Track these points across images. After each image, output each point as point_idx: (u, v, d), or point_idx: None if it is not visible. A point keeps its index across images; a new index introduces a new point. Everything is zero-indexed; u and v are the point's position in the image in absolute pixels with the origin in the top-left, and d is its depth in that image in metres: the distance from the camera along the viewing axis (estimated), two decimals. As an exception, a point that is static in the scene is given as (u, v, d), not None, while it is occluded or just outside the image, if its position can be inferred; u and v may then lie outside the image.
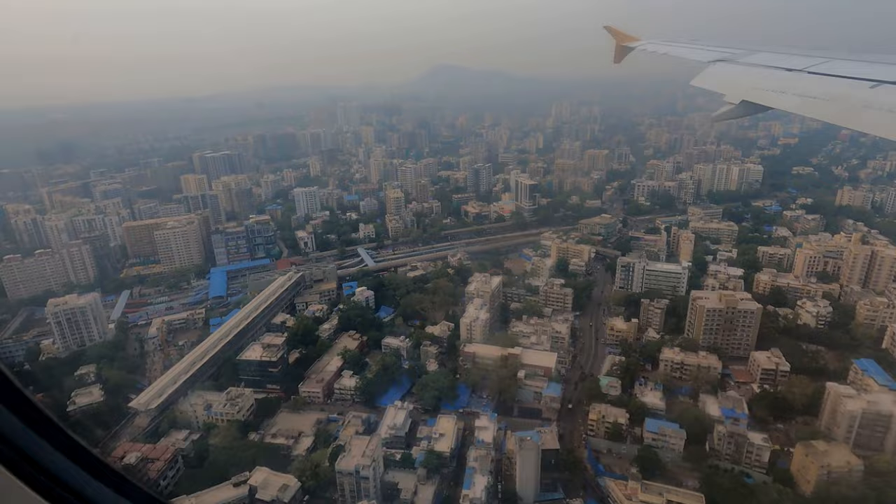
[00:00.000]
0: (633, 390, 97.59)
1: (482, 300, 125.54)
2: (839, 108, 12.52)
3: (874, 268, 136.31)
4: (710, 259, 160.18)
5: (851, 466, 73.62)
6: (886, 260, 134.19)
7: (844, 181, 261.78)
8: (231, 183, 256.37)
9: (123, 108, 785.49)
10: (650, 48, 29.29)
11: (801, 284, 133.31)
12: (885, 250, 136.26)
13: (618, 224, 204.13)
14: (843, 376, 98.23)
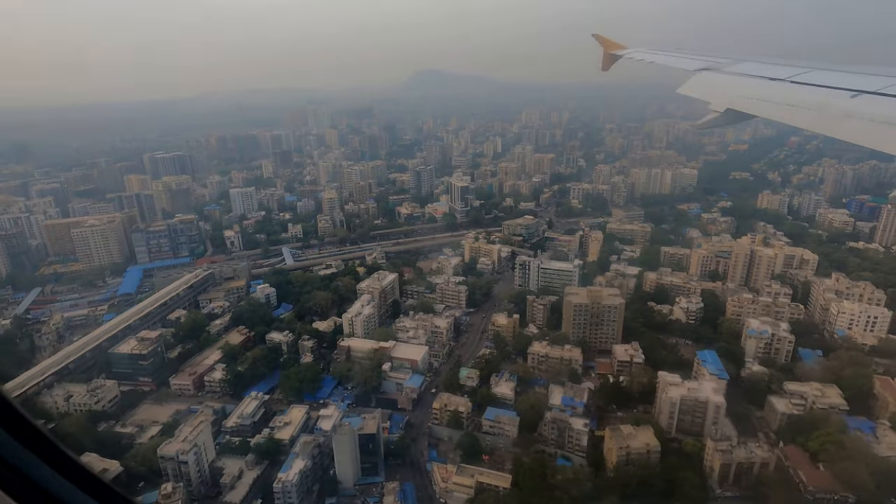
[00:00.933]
0: (490, 381, 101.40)
1: (370, 296, 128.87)
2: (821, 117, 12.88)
3: (754, 266, 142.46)
4: (615, 258, 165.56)
5: (650, 448, 78.06)
6: (763, 259, 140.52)
7: (777, 186, 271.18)
8: (172, 183, 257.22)
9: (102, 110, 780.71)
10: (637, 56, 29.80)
11: (683, 282, 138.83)
12: (763, 250, 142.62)
13: (542, 225, 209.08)
14: (690, 367, 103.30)
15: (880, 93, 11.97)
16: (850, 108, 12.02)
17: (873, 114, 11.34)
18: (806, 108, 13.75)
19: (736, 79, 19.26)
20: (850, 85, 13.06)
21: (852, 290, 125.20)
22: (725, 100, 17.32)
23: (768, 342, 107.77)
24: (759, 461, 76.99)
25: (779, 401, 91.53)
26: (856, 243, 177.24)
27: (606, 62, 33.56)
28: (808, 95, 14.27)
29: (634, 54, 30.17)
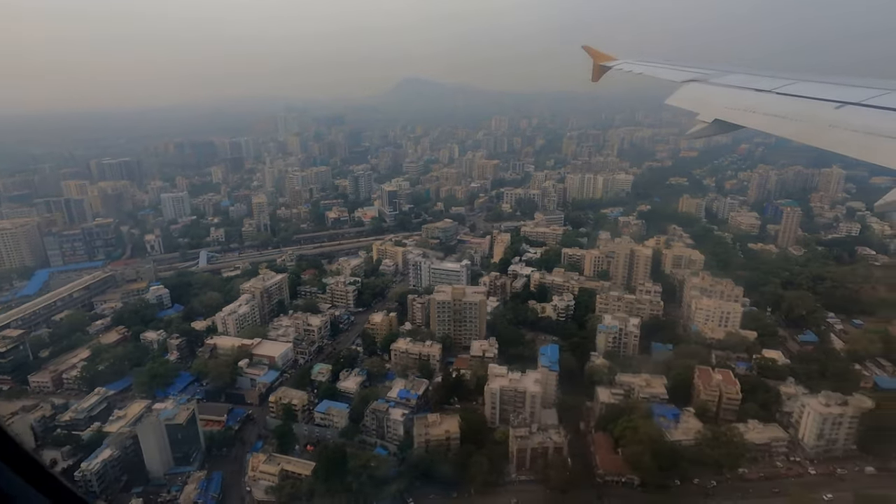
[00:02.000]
0: (339, 376, 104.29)
1: (250, 296, 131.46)
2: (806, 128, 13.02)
3: (635, 266, 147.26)
4: (517, 259, 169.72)
5: (449, 435, 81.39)
6: (641, 259, 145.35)
7: (710, 190, 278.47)
8: (108, 188, 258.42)
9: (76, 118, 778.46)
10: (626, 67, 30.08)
11: (564, 281, 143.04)
12: (642, 250, 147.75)
13: (463, 229, 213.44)
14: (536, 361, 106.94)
15: (864, 104, 12.19)
16: (835, 119, 12.22)
17: (857, 124, 11.56)
18: (791, 119, 13.97)
19: (723, 90, 19.56)
20: (835, 96, 13.31)
21: (715, 287, 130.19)
22: (713, 111, 17.54)
23: (616, 336, 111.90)
24: (552, 446, 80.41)
25: (603, 391, 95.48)
26: (755, 245, 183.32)
27: (596, 73, 34.00)
28: (794, 106, 14.51)
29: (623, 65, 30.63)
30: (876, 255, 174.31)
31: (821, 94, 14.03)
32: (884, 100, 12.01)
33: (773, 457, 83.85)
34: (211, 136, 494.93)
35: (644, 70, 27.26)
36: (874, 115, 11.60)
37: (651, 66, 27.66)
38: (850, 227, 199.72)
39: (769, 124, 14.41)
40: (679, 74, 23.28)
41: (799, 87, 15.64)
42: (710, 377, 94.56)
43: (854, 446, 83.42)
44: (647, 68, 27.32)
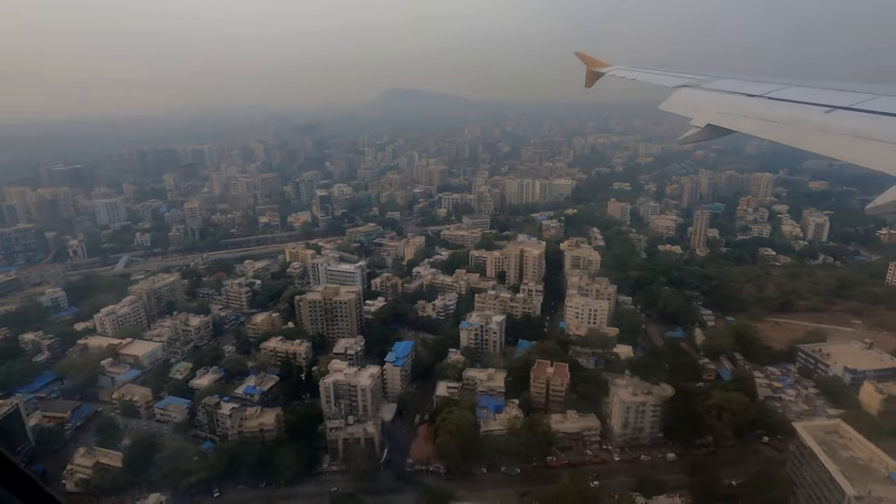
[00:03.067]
0: (196, 374, 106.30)
1: (135, 297, 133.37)
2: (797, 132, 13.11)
3: (525, 266, 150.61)
4: (426, 261, 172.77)
5: (263, 427, 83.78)
6: (530, 260, 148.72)
7: (648, 194, 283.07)
8: (47, 194, 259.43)
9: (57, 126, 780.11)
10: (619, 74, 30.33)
11: (453, 281, 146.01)
12: (530, 251, 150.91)
13: (390, 233, 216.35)
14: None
15: (853, 108, 12.37)
16: (825, 123, 12.36)
17: (847, 128, 11.71)
18: (782, 124, 14.10)
19: (715, 95, 19.71)
20: (825, 101, 13.49)
21: (591, 286, 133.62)
22: (705, 116, 17.63)
23: (477, 333, 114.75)
24: (364, 437, 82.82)
25: (442, 385, 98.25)
26: (664, 246, 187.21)
27: (590, 79, 34.30)
28: (785, 111, 14.62)
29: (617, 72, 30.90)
30: (777, 256, 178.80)
31: (811, 98, 14.23)
32: (872, 104, 12.17)
33: (585, 445, 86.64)
34: (188, 144, 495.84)
35: (637, 76, 27.69)
36: (863, 119, 11.74)
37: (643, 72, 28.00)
38: (762, 229, 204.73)
39: (760, 129, 14.59)
40: (671, 80, 23.52)
41: (789, 91, 15.77)
42: (543, 371, 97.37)
43: (661, 434, 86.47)
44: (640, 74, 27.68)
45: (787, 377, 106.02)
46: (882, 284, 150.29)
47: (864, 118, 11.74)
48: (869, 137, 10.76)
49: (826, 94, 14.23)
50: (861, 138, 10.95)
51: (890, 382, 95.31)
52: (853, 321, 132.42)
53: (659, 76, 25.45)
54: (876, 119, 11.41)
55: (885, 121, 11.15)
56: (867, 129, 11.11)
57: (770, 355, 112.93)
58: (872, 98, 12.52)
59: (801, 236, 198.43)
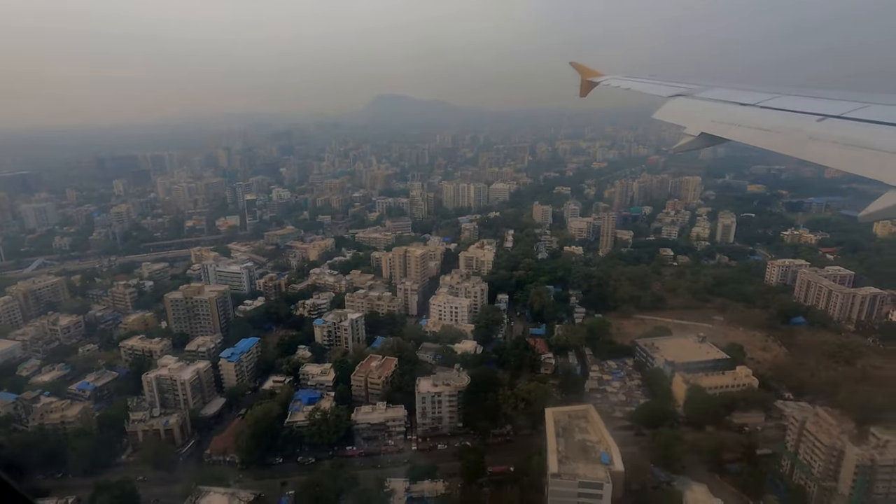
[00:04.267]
0: (42, 371, 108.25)
1: (10, 297, 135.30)
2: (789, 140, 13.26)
3: (409, 266, 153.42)
4: (329, 261, 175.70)
5: (65, 419, 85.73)
6: (412, 260, 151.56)
7: (586, 198, 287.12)
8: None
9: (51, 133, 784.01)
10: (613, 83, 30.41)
11: (334, 281, 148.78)
12: (413, 251, 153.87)
13: (311, 236, 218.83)
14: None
15: (844, 117, 12.55)
16: (817, 132, 12.50)
17: (838, 137, 11.82)
18: (775, 132, 14.20)
19: (708, 104, 19.90)
20: (817, 109, 13.65)
21: (461, 284, 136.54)
22: (699, 124, 17.76)
23: (331, 330, 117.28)
24: (163, 429, 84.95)
25: (270, 379, 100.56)
26: (570, 247, 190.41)
27: (584, 89, 34.32)
28: (777, 120, 14.81)
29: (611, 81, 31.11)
30: (675, 257, 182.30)
31: (803, 107, 14.39)
32: (863, 113, 12.37)
33: (390, 435, 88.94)
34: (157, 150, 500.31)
35: (631, 85, 27.87)
36: (854, 127, 11.91)
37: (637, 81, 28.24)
38: (671, 231, 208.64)
39: (753, 137, 14.71)
40: (665, 89, 23.76)
41: (782, 100, 16.00)
42: (369, 365, 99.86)
43: (461, 423, 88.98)
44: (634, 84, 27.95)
45: (622, 370, 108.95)
46: (758, 283, 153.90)
47: (855, 126, 11.95)
48: (860, 145, 10.96)
49: (818, 102, 14.48)
50: (852, 146, 11.14)
51: (700, 374, 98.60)
52: (715, 317, 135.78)
53: (652, 86, 25.86)
54: (867, 127, 11.64)
55: (875, 129, 11.38)
56: (858, 138, 11.31)
57: (616, 350, 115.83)
58: (863, 107, 12.79)
59: (707, 237, 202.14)
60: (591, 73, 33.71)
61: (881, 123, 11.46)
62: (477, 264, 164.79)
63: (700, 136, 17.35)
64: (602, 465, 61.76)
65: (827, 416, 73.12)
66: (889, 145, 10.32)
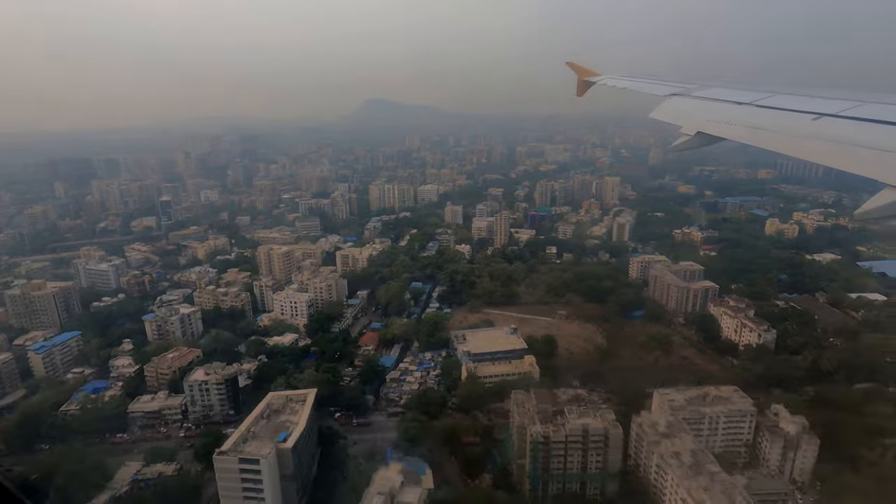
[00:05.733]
0: None
1: None
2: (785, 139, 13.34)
3: (272, 263, 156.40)
4: (217, 259, 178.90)
5: None
6: (274, 257, 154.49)
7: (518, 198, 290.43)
8: None
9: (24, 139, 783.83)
10: (610, 83, 30.55)
11: (198, 278, 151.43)
12: (276, 251, 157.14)
13: (219, 236, 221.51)
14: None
15: (839, 115, 12.61)
16: (812, 131, 12.54)
17: (833, 135, 11.87)
18: (770, 131, 14.28)
19: (704, 103, 19.89)
20: (812, 108, 13.67)
21: (312, 280, 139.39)
22: (695, 124, 17.82)
23: (160, 325, 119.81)
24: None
25: (71, 372, 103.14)
26: (461, 245, 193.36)
27: (581, 89, 34.62)
28: (773, 119, 14.85)
29: (607, 81, 31.26)
30: (559, 255, 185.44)
31: (798, 106, 14.45)
32: (857, 111, 12.43)
33: (165, 423, 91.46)
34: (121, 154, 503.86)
35: (627, 85, 27.98)
36: (848, 126, 11.97)
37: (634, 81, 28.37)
38: (567, 230, 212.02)
39: (749, 136, 14.74)
40: (661, 89, 23.78)
41: (777, 99, 16.05)
42: (167, 357, 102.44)
43: (232, 411, 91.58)
44: (630, 83, 28.00)
45: (433, 361, 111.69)
46: (622, 279, 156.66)
47: (850, 125, 11.99)
48: (855, 144, 11.03)
49: (813, 101, 14.47)
50: (847, 145, 11.19)
51: (487, 363, 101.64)
52: (560, 312, 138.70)
53: (649, 85, 25.95)
54: (861, 126, 11.70)
55: (870, 127, 11.45)
56: (853, 136, 11.36)
57: (439, 342, 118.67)
58: (858, 105, 12.83)
59: (600, 236, 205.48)
60: (588, 73, 34.33)
61: (876, 122, 11.51)
62: (352, 262, 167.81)
63: (697, 135, 17.50)
64: (276, 444, 64.44)
65: (536, 398, 75.98)
66: (883, 143, 10.41)
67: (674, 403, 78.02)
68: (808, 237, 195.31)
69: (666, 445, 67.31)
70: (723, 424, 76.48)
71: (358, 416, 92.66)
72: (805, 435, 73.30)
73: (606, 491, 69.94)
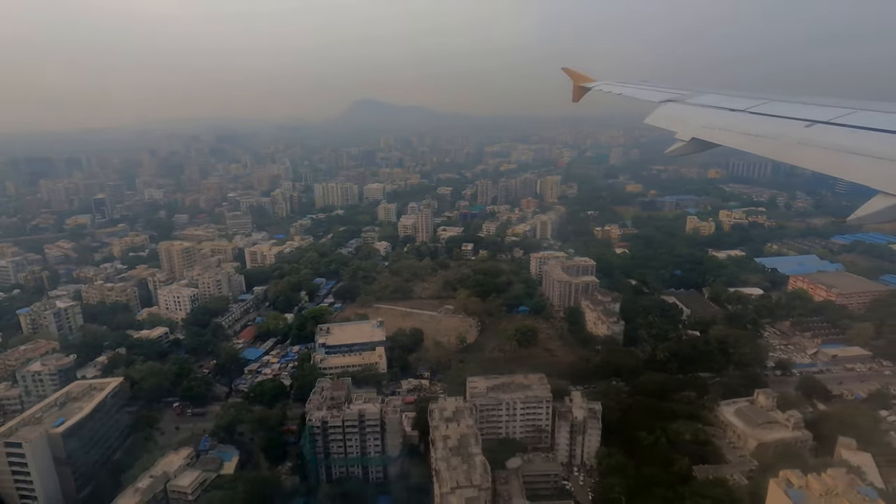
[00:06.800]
0: None
1: None
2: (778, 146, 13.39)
3: (173, 259, 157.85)
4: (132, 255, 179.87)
5: None
6: (174, 253, 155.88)
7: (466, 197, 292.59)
8: None
9: None
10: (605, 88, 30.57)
11: (94, 274, 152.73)
12: (176, 246, 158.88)
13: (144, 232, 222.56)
14: None
15: (832, 122, 12.76)
16: (805, 137, 12.64)
17: (826, 142, 11.97)
18: (764, 138, 14.38)
19: (698, 110, 20.05)
20: (805, 115, 13.77)
21: (202, 276, 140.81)
22: (690, 130, 17.99)
23: (34, 318, 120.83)
24: None
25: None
26: (379, 243, 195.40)
27: (576, 94, 34.83)
28: (767, 125, 14.91)
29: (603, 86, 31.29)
30: (476, 252, 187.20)
31: (791, 113, 14.56)
32: (850, 118, 12.58)
33: (5, 413, 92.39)
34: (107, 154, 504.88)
35: (623, 91, 28.15)
36: (841, 133, 12.09)
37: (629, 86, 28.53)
38: (490, 227, 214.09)
39: (743, 142, 14.89)
40: (656, 95, 23.96)
41: (771, 106, 16.20)
42: (18, 350, 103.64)
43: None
44: (626, 89, 28.14)
45: (298, 354, 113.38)
46: (524, 274, 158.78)
47: (842, 132, 12.07)
48: (848, 151, 11.10)
49: (806, 108, 14.59)
50: (840, 152, 11.26)
51: (338, 355, 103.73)
52: (447, 306, 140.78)
53: (644, 91, 26.18)
54: (854, 133, 11.82)
55: (862, 135, 11.60)
56: (846, 143, 11.43)
57: (311, 335, 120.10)
58: (851, 113, 12.97)
59: (522, 234, 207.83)
60: (583, 79, 34.42)
61: (868, 129, 11.69)
62: (260, 258, 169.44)
63: (691, 142, 17.57)
64: (48, 429, 65.98)
65: (333, 386, 77.99)
66: (875, 150, 10.59)
67: (475, 390, 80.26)
68: (723, 234, 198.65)
69: (442, 429, 69.46)
70: (520, 410, 78.77)
71: (196, 405, 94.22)
72: (592, 420, 75.67)
73: (389, 473, 71.93)
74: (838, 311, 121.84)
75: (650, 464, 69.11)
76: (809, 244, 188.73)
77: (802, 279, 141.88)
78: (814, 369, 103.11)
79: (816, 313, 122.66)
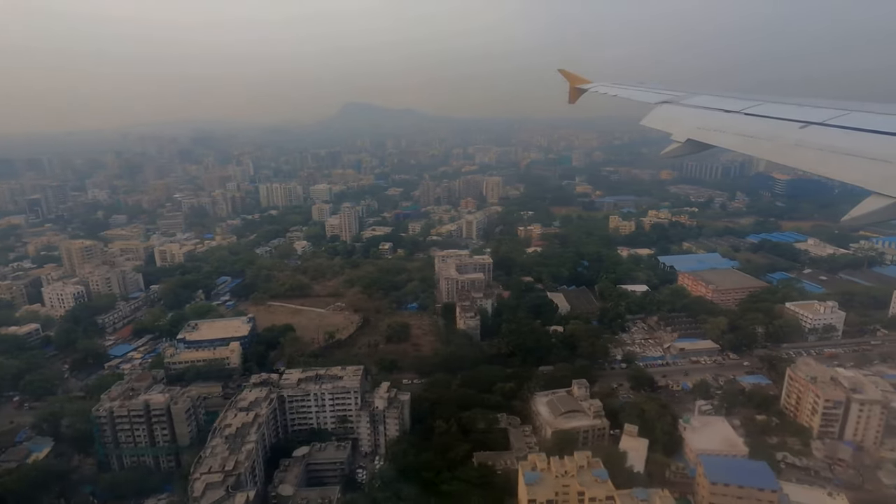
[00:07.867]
0: None
1: None
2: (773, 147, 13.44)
3: (73, 258, 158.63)
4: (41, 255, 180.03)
5: None
6: (73, 252, 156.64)
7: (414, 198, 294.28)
8: None
9: None
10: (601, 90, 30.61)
11: (12, 271, 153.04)
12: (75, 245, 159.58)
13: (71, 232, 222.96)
14: None
15: (826, 124, 12.83)
16: (800, 138, 12.72)
17: (820, 143, 12.04)
18: (758, 139, 14.41)
19: (694, 111, 20.06)
20: (799, 117, 13.84)
21: (92, 274, 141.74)
22: (685, 131, 18.01)
23: None
24: None
25: None
26: (300, 243, 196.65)
27: (573, 95, 34.86)
28: (762, 126, 14.97)
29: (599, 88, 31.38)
30: (394, 250, 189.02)
31: (786, 114, 14.60)
32: (844, 120, 12.71)
33: None
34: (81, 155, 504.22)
35: (618, 92, 28.22)
36: (835, 134, 12.21)
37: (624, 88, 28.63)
38: (415, 227, 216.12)
39: (738, 143, 14.95)
40: (651, 96, 24.06)
41: (765, 108, 16.25)
42: None
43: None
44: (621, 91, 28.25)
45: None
46: (420, 273, 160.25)
47: (836, 133, 12.19)
48: (841, 152, 11.17)
49: (800, 110, 14.65)
50: (834, 153, 11.33)
51: (192, 350, 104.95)
52: (337, 304, 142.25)
53: (639, 93, 26.27)
54: (847, 134, 11.94)
55: (856, 136, 11.72)
56: (839, 144, 11.52)
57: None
58: (844, 114, 13.10)
59: (447, 233, 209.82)
60: (579, 81, 34.63)
61: (861, 130, 11.81)
62: (170, 257, 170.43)
63: (687, 143, 17.56)
64: None
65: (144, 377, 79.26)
66: (869, 151, 10.65)
67: (286, 381, 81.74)
68: (642, 233, 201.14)
69: (228, 418, 70.90)
70: (328, 401, 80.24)
71: (37, 400, 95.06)
72: (392, 409, 77.26)
73: (182, 461, 73.11)
74: (706, 307, 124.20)
75: (433, 451, 70.79)
76: (722, 243, 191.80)
77: (690, 276, 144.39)
78: (660, 362, 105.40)
79: (686, 309, 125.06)
